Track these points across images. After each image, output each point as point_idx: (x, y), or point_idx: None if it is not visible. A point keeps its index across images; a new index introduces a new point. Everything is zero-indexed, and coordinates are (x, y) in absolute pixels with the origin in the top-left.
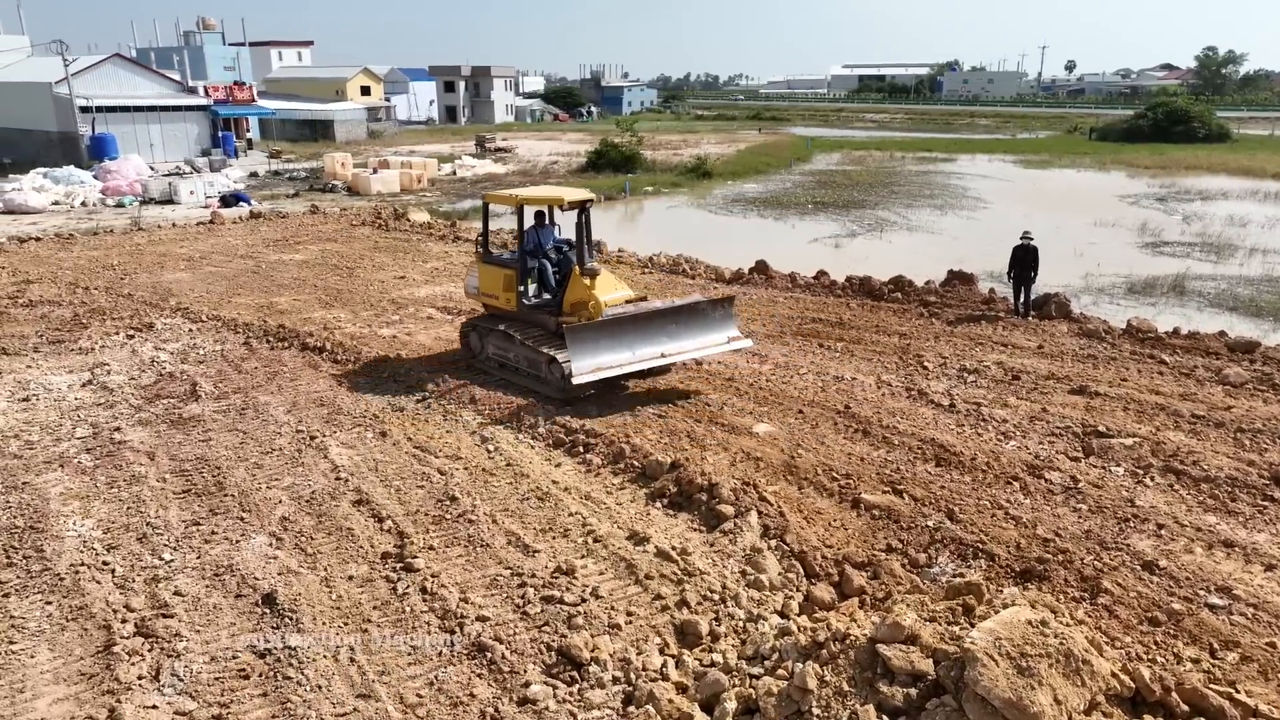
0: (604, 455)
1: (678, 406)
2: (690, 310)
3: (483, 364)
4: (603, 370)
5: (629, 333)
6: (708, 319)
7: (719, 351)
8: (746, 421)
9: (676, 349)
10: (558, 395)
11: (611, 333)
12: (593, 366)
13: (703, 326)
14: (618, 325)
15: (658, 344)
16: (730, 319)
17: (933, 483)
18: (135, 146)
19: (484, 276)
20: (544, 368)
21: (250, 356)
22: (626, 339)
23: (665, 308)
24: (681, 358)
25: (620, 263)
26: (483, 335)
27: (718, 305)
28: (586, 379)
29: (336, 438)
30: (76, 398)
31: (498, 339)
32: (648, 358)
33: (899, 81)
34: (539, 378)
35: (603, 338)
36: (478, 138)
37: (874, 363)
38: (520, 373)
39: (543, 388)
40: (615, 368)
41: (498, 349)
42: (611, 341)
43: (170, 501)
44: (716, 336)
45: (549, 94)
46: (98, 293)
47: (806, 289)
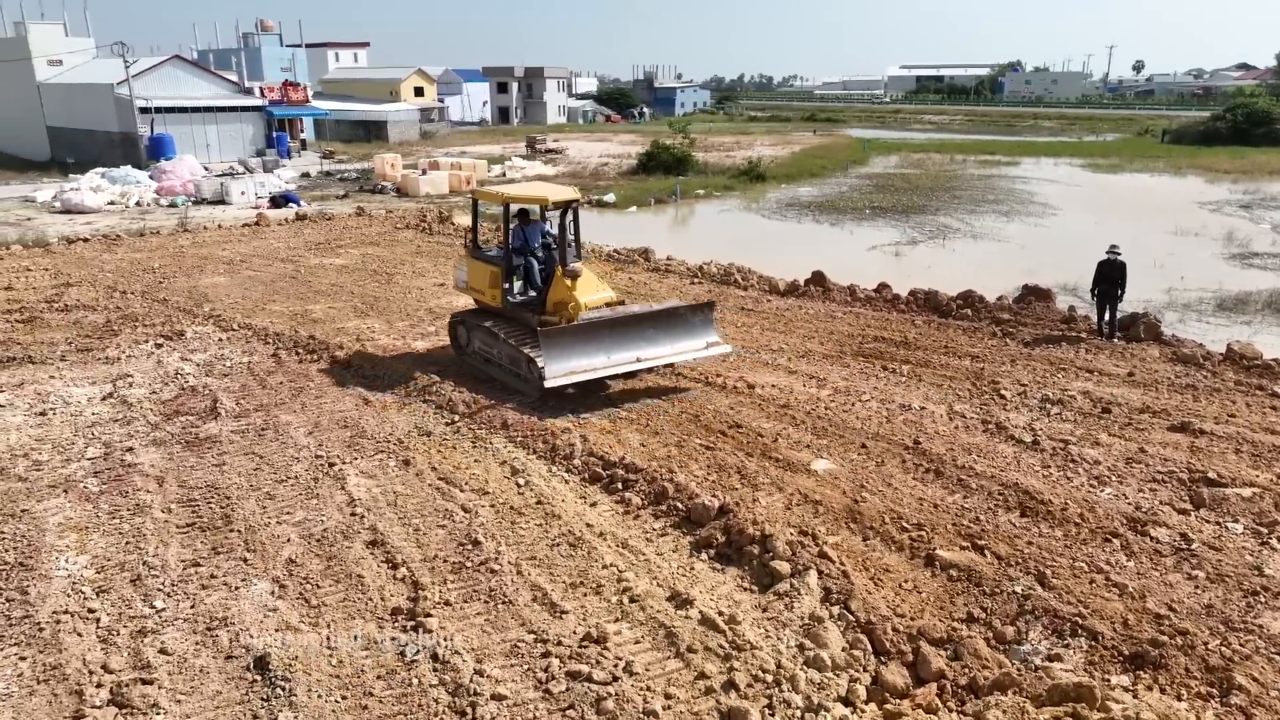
0: (644, 494)
1: (727, 437)
2: (669, 315)
3: (469, 358)
4: (576, 374)
5: (604, 337)
6: (687, 324)
7: (697, 357)
8: (804, 456)
9: (653, 353)
10: (536, 394)
11: (586, 336)
12: (566, 370)
13: (681, 332)
14: (593, 329)
15: (634, 348)
16: (710, 324)
17: (1018, 537)
18: (192, 147)
19: (472, 271)
20: (524, 366)
21: (277, 370)
22: (602, 343)
23: (642, 312)
24: (658, 362)
25: (669, 272)
26: (470, 330)
27: (697, 310)
28: (559, 382)
29: (356, 465)
30: (94, 413)
31: (483, 335)
32: (623, 362)
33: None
34: (519, 375)
35: (577, 341)
36: (528, 139)
37: (945, 389)
38: (503, 369)
39: (523, 385)
40: (589, 371)
41: (483, 344)
42: (586, 345)
43: (172, 536)
44: (695, 342)
45: (601, 95)
46: (133, 297)
47: (867, 303)
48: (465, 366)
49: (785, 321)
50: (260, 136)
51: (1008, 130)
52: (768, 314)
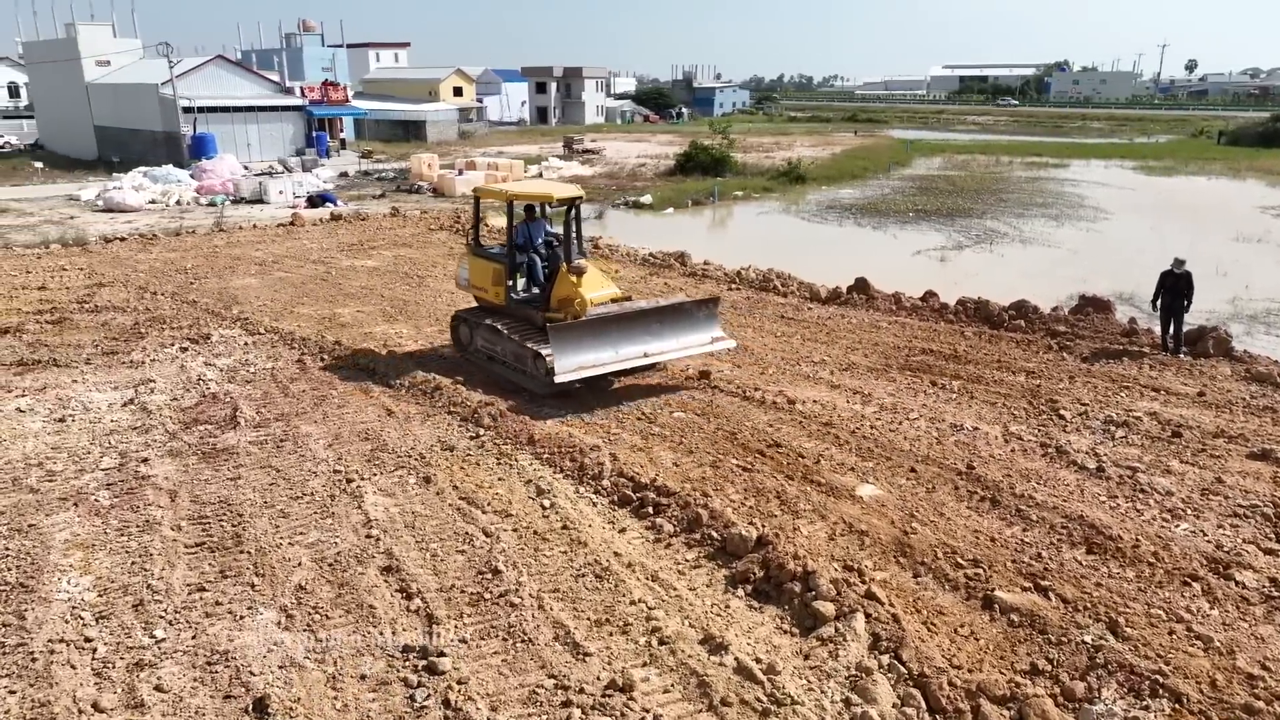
0: (677, 520)
1: (766, 458)
2: (675, 310)
3: (472, 356)
4: (585, 369)
5: (612, 332)
6: (692, 319)
7: (703, 352)
8: (848, 481)
9: (660, 349)
10: (542, 391)
11: (595, 332)
12: (575, 365)
13: (687, 327)
14: (601, 324)
15: (641, 343)
16: (714, 319)
17: (1085, 578)
18: (234, 146)
19: (474, 269)
20: (529, 363)
21: (301, 377)
22: (610, 338)
23: (649, 308)
24: (665, 357)
25: (705, 276)
26: (472, 328)
27: (702, 306)
28: (569, 378)
29: (375, 482)
30: (113, 419)
31: (486, 332)
32: (631, 357)
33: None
34: (524, 372)
35: (586, 337)
36: (565, 139)
37: (999, 408)
38: (507, 366)
39: (528, 382)
40: (598, 367)
41: (486, 342)
42: (595, 340)
43: (180, 557)
44: (700, 337)
45: (640, 95)
46: (163, 298)
47: (913, 312)
48: (473, 368)
49: (827, 331)
50: (300, 136)
51: (1055, 131)
52: (809, 323)
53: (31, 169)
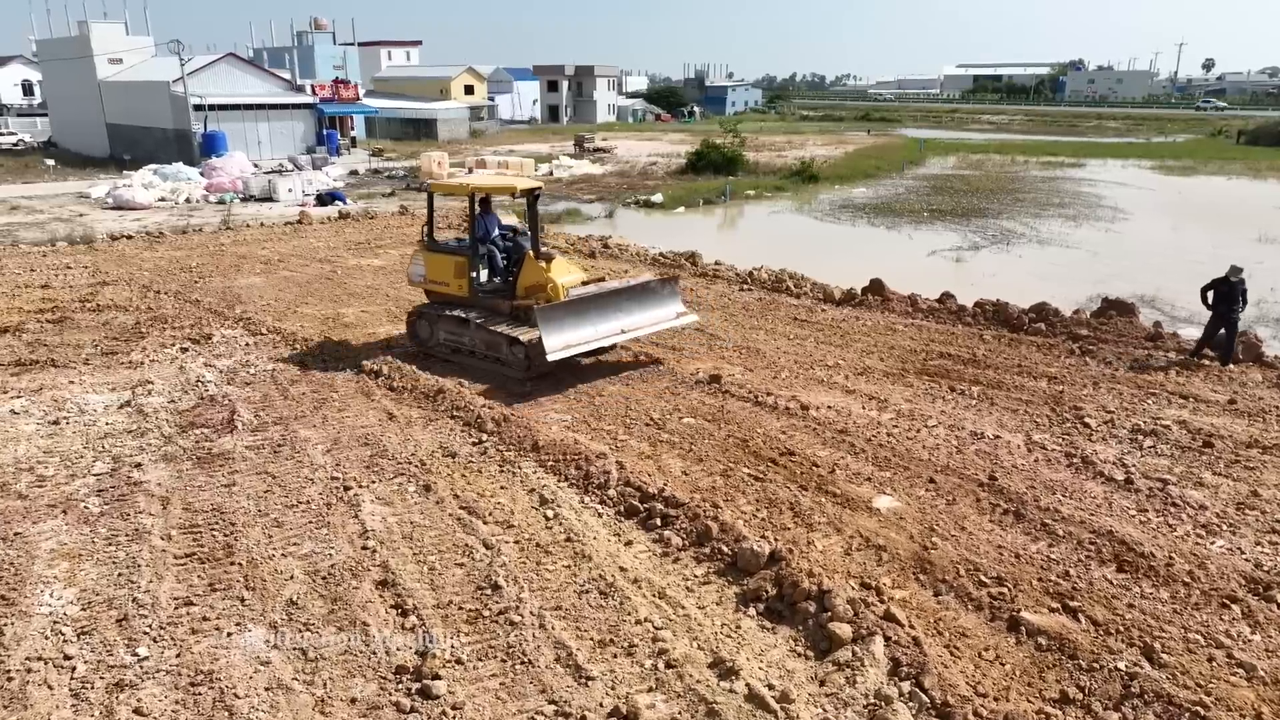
0: (685, 533)
1: (779, 467)
2: (643, 289)
3: (434, 350)
4: (572, 347)
5: (592, 311)
6: (658, 296)
7: (670, 326)
8: (864, 492)
9: (633, 324)
10: (519, 374)
11: (577, 311)
12: (563, 343)
13: (655, 303)
14: (582, 304)
15: (617, 320)
16: (676, 296)
17: (1117, 598)
18: (244, 144)
19: (431, 264)
20: (505, 349)
21: (301, 379)
22: (590, 317)
23: (623, 287)
24: (639, 333)
25: (717, 277)
26: (432, 322)
27: (665, 284)
28: (559, 355)
29: (373, 490)
30: (108, 422)
31: (450, 325)
32: (609, 333)
33: (1017, 81)
34: (499, 359)
35: (570, 316)
36: (576, 138)
37: (1020, 415)
38: (476, 355)
39: (502, 369)
40: (583, 344)
41: (450, 334)
42: (577, 320)
43: (168, 569)
44: (667, 312)
45: (652, 94)
46: (166, 298)
47: (930, 315)
48: (428, 357)
49: (842, 334)
50: (311, 134)
51: (1070, 131)
52: (822, 325)
53: (43, 167)
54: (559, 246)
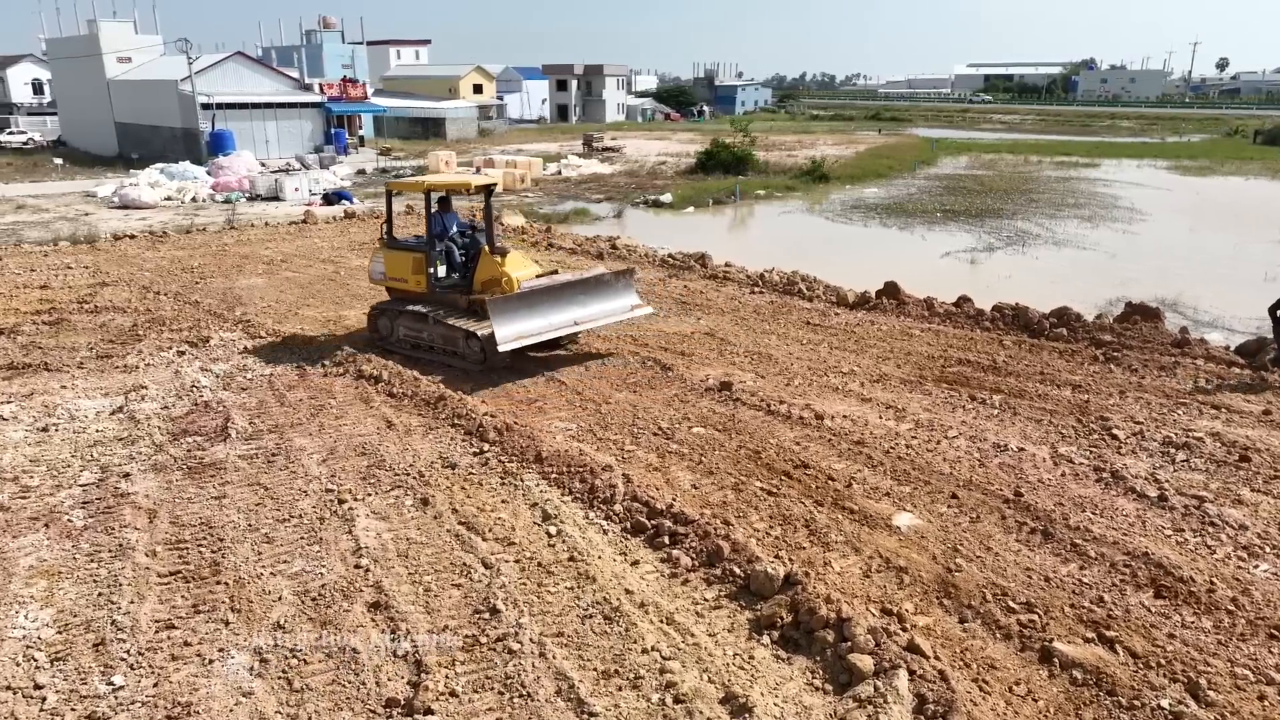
0: (695, 553)
1: (793, 480)
2: (597, 281)
3: (394, 346)
4: (525, 338)
5: (545, 303)
6: (613, 289)
7: (625, 318)
8: (883, 508)
9: (587, 316)
10: (475, 368)
11: (530, 303)
12: (516, 334)
13: (609, 296)
14: (534, 296)
15: (570, 312)
16: (631, 288)
17: (1156, 627)
18: (252, 143)
19: (390, 262)
20: (461, 343)
21: (299, 384)
22: (543, 309)
23: (576, 279)
24: (593, 325)
25: (727, 279)
26: (393, 319)
27: (620, 276)
28: (511, 346)
29: (369, 503)
30: (99, 429)
31: (410, 320)
32: (563, 325)
33: (1029, 81)
34: (456, 353)
35: (522, 308)
36: (585, 137)
37: (1045, 426)
38: (435, 350)
39: (459, 362)
40: (535, 335)
41: (410, 330)
42: (530, 311)
43: (151, 588)
44: (621, 304)
45: (661, 93)
46: (166, 299)
47: (947, 319)
48: (388, 353)
49: (856, 339)
50: (319, 133)
51: (1083, 130)
52: (836, 330)
53: (51, 165)
54: (566, 247)
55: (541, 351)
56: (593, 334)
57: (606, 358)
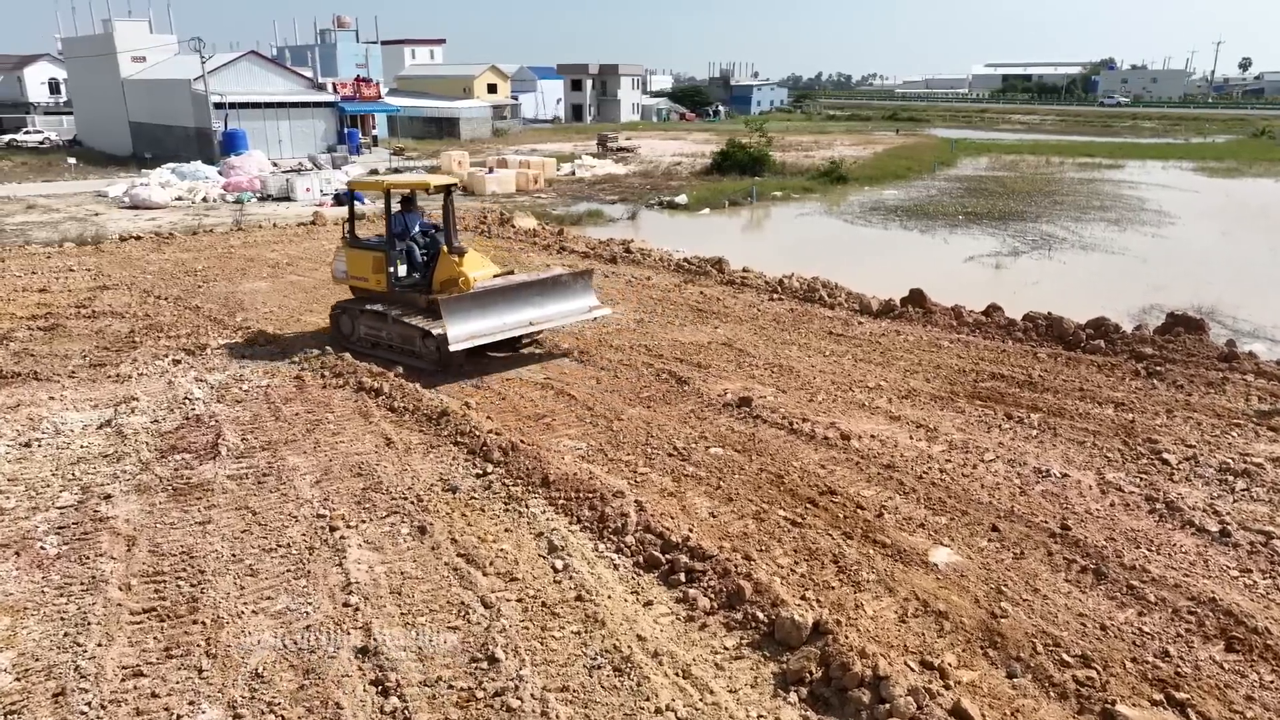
0: (714, 593)
1: (819, 509)
2: (554, 282)
3: (355, 344)
4: (477, 338)
5: (499, 303)
6: (570, 289)
7: (582, 319)
8: (918, 542)
9: (543, 317)
10: (432, 367)
11: (483, 303)
12: (468, 334)
13: (566, 297)
14: (488, 296)
15: (525, 313)
16: (590, 290)
17: (1232, 687)
18: (265, 142)
19: (352, 261)
20: (418, 342)
21: (296, 396)
22: (497, 309)
23: (531, 280)
24: (549, 325)
25: (745, 285)
26: (354, 317)
27: (578, 277)
28: (462, 345)
29: (363, 531)
30: (84, 445)
31: (370, 319)
32: (517, 325)
33: (1047, 81)
34: (413, 352)
35: (475, 308)
36: (600, 137)
37: (1088, 449)
38: (394, 349)
39: (417, 362)
40: (488, 335)
41: (370, 329)
42: (483, 311)
43: (121, 628)
44: (578, 305)
45: (676, 93)
46: (166, 304)
47: (977, 329)
48: (358, 355)
49: (881, 350)
50: (332, 132)
51: (1104, 131)
52: (860, 340)
53: (65, 165)
54: (578, 251)
55: (501, 351)
56: (560, 334)
57: (619, 369)
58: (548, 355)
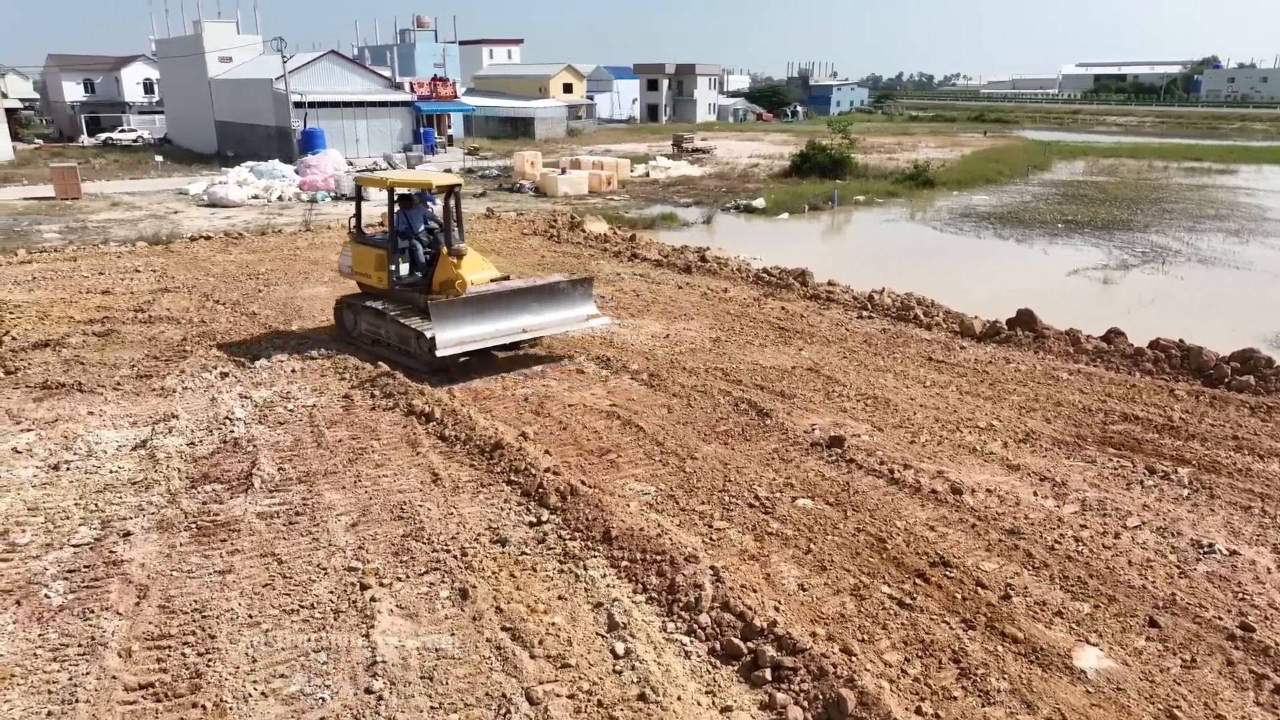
0: (808, 699)
1: (930, 584)
2: (551, 289)
3: (356, 340)
4: (466, 344)
5: (492, 308)
6: (568, 297)
7: (580, 329)
8: (1058, 637)
9: (538, 324)
10: (425, 369)
11: (475, 308)
12: (456, 340)
13: (563, 304)
14: (481, 301)
15: (519, 319)
16: (589, 298)
17: None
18: (342, 141)
19: (357, 256)
20: (413, 342)
21: (343, 419)
22: (489, 314)
23: (527, 286)
24: (543, 332)
25: (831, 300)
26: (356, 313)
27: (577, 285)
28: (451, 351)
29: (396, 593)
30: (114, 469)
31: (370, 316)
32: (510, 332)
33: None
34: (408, 352)
35: (467, 313)
36: (675, 137)
37: (1256, 516)
38: (391, 348)
39: (411, 362)
40: (478, 341)
41: (370, 325)
42: (475, 316)
43: (111, 709)
44: (576, 313)
45: (753, 93)
46: (223, 309)
47: (1097, 358)
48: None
49: (990, 382)
50: (408, 132)
51: (1210, 134)
52: (965, 369)
53: (152, 163)
54: (651, 259)
55: (504, 351)
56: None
57: (693, 395)
58: (556, 356)
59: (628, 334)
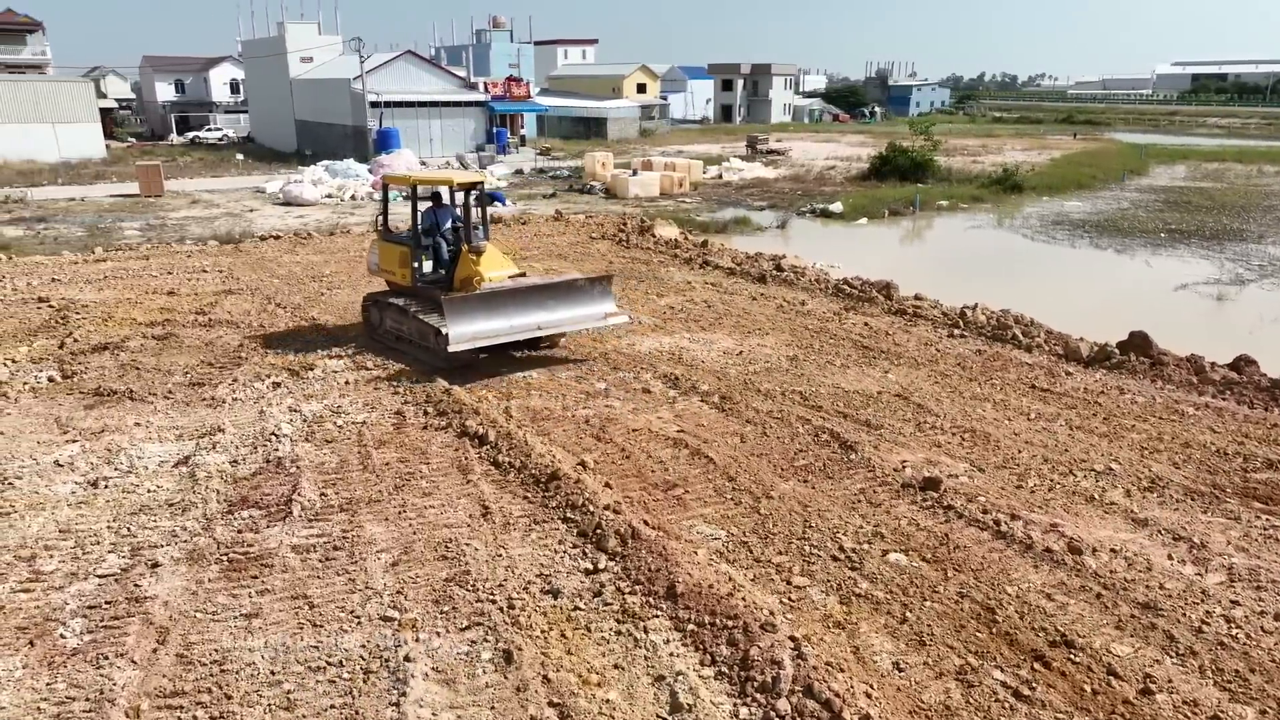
0: None
1: (1051, 670)
2: (568, 287)
3: (381, 337)
4: (480, 339)
5: (507, 305)
6: (586, 295)
7: (596, 326)
8: None
9: (553, 321)
10: (443, 364)
11: (489, 304)
12: (470, 335)
13: (580, 302)
14: (495, 298)
15: (534, 316)
16: (608, 295)
17: None
18: (416, 140)
19: (383, 254)
20: (431, 339)
21: (393, 438)
22: (504, 311)
23: (543, 283)
24: (558, 330)
25: (918, 316)
26: (381, 310)
27: (596, 283)
28: (464, 347)
29: (434, 650)
30: (152, 489)
31: (393, 313)
32: (524, 329)
33: (1247, 80)
34: (428, 348)
35: (480, 309)
36: (749, 138)
37: None
38: (413, 344)
39: (430, 358)
40: (493, 337)
41: (394, 322)
42: (489, 312)
43: None
44: (593, 311)
45: (830, 93)
46: (284, 313)
47: (1226, 389)
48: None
49: (1104, 416)
50: (481, 131)
51: None
52: (1073, 399)
53: (233, 161)
54: (724, 266)
55: (519, 350)
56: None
57: (768, 422)
58: (574, 359)
59: (698, 350)
